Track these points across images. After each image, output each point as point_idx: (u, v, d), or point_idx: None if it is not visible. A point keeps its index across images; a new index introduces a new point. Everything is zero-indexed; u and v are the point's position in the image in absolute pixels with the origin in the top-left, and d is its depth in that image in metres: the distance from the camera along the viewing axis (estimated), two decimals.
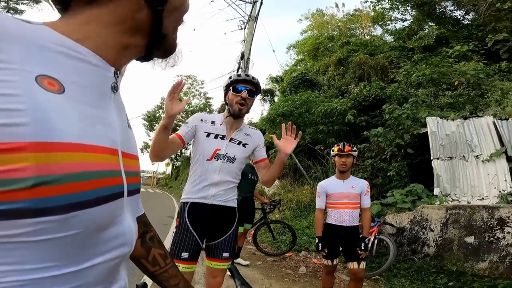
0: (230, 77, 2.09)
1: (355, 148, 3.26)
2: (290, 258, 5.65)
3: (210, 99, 32.12)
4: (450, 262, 4.23)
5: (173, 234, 2.02)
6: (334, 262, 3.25)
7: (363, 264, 3.11)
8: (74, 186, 0.40)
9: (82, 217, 0.42)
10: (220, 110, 23.25)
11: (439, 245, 4.46)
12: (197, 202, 2.00)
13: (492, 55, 9.61)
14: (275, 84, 20.15)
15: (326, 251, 3.19)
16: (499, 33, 9.41)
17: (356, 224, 3.22)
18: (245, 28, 11.21)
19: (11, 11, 13.75)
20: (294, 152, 11.01)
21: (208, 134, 2.06)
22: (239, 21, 11.59)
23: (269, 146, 13.45)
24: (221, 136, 2.07)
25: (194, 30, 14.44)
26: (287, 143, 2.03)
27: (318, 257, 5.66)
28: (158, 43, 0.59)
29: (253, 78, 2.05)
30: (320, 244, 3.19)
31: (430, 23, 13.39)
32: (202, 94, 31.79)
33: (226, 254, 2.04)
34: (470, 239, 4.16)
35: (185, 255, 1.93)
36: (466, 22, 12.76)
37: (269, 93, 19.91)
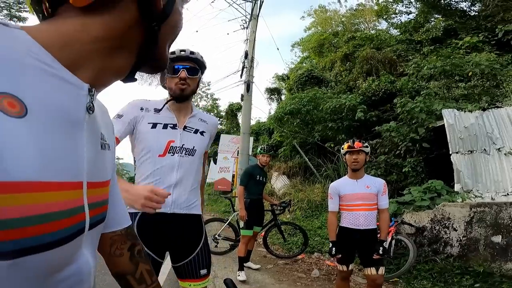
0: None
1: (366, 144, 3.06)
2: (302, 261, 5.55)
3: (217, 100, 31.99)
4: (476, 262, 4.04)
5: None
6: (350, 267, 3.06)
7: (382, 270, 2.90)
8: (26, 230, 0.36)
9: (32, 262, 0.38)
10: (228, 111, 23.13)
11: (463, 245, 4.25)
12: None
13: (503, 46, 9.47)
14: (281, 82, 20.11)
15: (340, 256, 3.01)
16: (508, 24, 9.32)
17: (374, 226, 3.02)
18: (247, 27, 11.04)
19: (14, 18, 13.76)
20: (303, 150, 10.89)
21: (154, 125, 1.65)
22: (241, 20, 11.42)
23: (278, 144, 13.39)
24: (172, 125, 1.68)
25: (197, 31, 14.36)
26: None
27: (332, 259, 5.48)
28: (146, 61, 0.55)
29: (191, 53, 1.67)
30: (333, 248, 3.00)
31: (436, 15, 13.24)
32: (209, 96, 31.70)
33: (204, 271, 1.71)
34: (497, 239, 3.95)
35: None
36: (473, 14, 12.60)
37: (276, 91, 19.90)
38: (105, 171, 0.57)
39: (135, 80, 0.59)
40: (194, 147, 1.70)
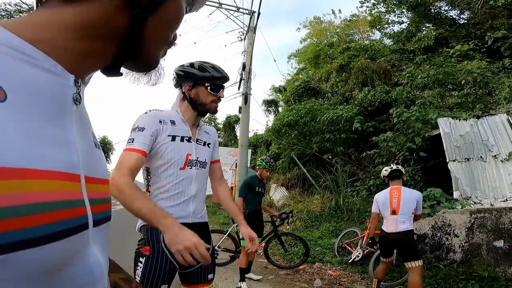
0: (205, 69, 1.65)
1: None
2: (303, 271, 5.50)
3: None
4: (480, 267, 4.04)
5: (141, 265, 1.58)
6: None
7: None
8: (16, 221, 0.33)
9: (27, 257, 0.34)
10: (226, 123, 23.12)
11: (466, 250, 4.26)
12: None
13: (493, 53, 9.56)
14: (278, 94, 20.22)
15: None
16: (497, 31, 9.38)
17: None
18: (244, 39, 11.22)
19: None
20: (301, 161, 10.89)
21: (173, 137, 1.63)
22: (239, 32, 11.58)
23: (276, 156, 13.39)
24: (187, 138, 1.68)
25: (195, 43, 14.56)
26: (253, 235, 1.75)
27: (334, 268, 5.45)
28: (131, 55, 0.51)
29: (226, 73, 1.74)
30: None
31: (427, 24, 13.42)
32: None
33: (211, 276, 1.76)
34: (500, 243, 3.96)
35: (164, 287, 1.59)
36: (462, 22, 12.78)
37: (273, 103, 19.99)
38: (103, 170, 0.54)
39: (120, 75, 0.55)
40: (205, 159, 1.75)
